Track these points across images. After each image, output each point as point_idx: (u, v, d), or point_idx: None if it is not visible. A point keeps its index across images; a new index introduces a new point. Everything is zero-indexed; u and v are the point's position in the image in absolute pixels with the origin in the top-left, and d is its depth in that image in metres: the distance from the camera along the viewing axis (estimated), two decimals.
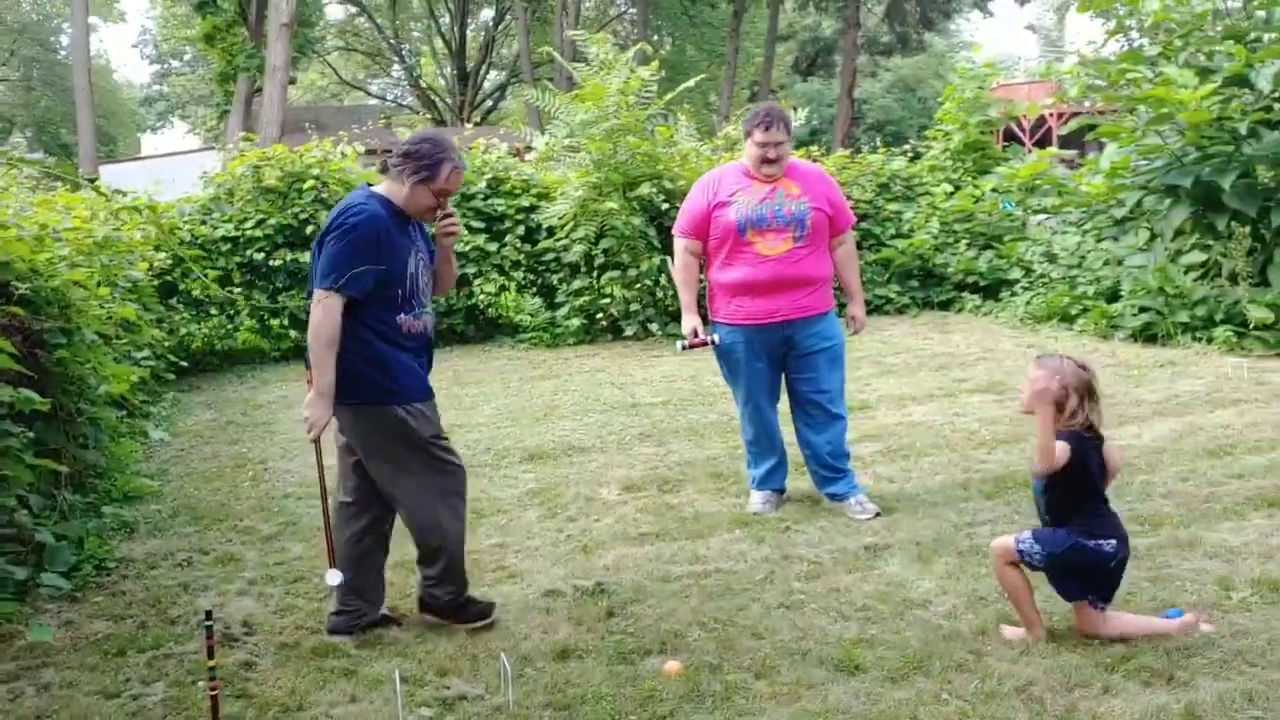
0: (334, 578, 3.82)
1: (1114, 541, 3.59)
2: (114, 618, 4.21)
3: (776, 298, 5.04)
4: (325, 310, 3.67)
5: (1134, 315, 9.42)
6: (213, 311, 10.28)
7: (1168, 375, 7.89)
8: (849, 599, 4.07)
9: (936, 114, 14.17)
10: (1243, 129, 9.02)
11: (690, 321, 5.22)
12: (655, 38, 36.17)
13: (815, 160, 12.28)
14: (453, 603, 4.00)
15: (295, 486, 6.04)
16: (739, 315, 5.14)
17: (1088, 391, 3.59)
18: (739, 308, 5.13)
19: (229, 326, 10.33)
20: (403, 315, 3.83)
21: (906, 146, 14.24)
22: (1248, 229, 9.03)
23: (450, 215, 3.99)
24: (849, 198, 11.97)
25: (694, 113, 13.08)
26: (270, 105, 22.83)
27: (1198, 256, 9.44)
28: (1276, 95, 9.17)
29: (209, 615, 3.24)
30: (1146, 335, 9.27)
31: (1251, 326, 8.53)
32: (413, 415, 3.82)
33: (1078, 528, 3.60)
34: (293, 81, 31.13)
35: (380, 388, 3.78)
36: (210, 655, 3.20)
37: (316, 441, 3.78)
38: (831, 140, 30.52)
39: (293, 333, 10.81)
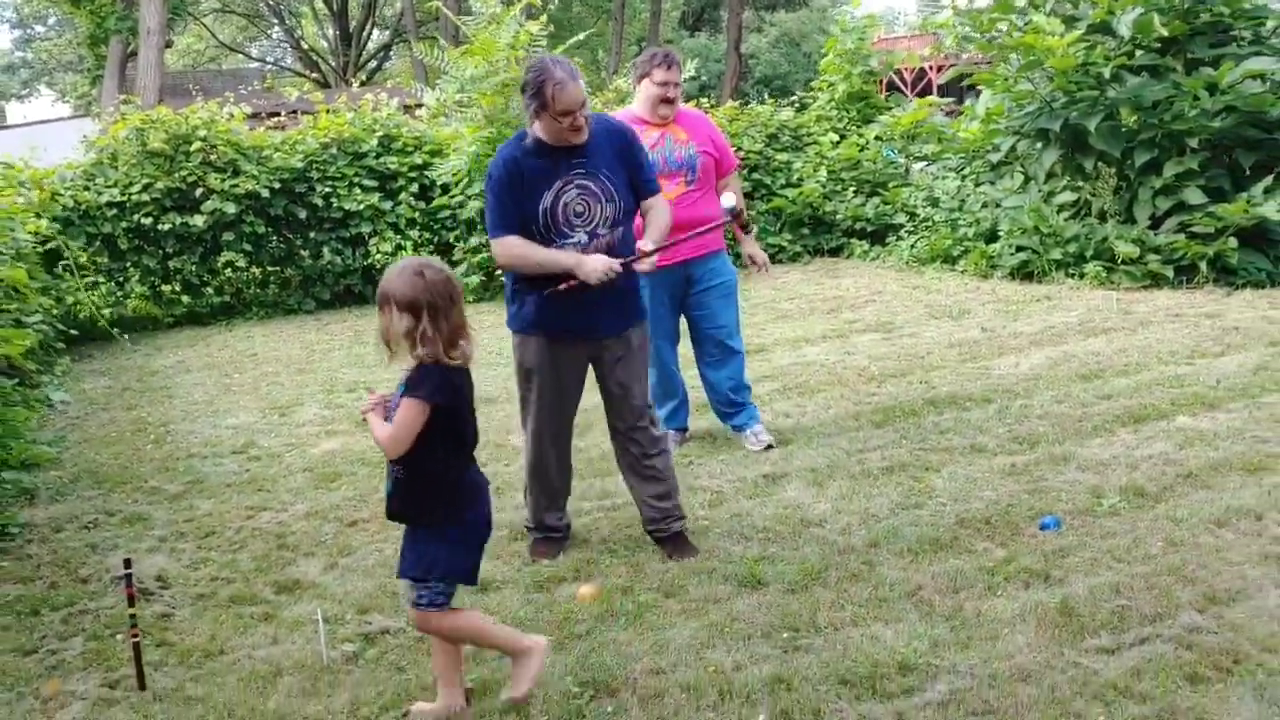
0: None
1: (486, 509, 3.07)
2: (23, 580, 4.20)
3: (675, 240, 5.17)
4: (500, 253, 3.93)
5: (1012, 254, 9.83)
6: (100, 280, 10.05)
7: (1043, 309, 8.30)
8: (750, 522, 4.28)
9: (820, 65, 14.43)
10: (1107, 74, 9.42)
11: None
12: None
13: (706, 112, 12.43)
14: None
15: (200, 446, 6.02)
16: None
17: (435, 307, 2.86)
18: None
19: (119, 294, 10.11)
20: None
21: (794, 98, 14.49)
22: (1114, 169, 9.49)
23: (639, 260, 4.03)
24: (739, 149, 12.22)
25: (585, 67, 13.10)
26: (147, 69, 21.99)
27: (1069, 196, 9.88)
28: (1137, 41, 9.60)
29: (128, 564, 3.30)
30: (1024, 273, 9.70)
31: (1119, 261, 8.99)
32: (523, 343, 4.10)
33: (449, 508, 3.00)
34: (169, 45, 30.00)
35: (512, 315, 4.12)
36: (131, 603, 3.26)
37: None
38: (720, 95, 30.68)
39: (185, 298, 10.62)
